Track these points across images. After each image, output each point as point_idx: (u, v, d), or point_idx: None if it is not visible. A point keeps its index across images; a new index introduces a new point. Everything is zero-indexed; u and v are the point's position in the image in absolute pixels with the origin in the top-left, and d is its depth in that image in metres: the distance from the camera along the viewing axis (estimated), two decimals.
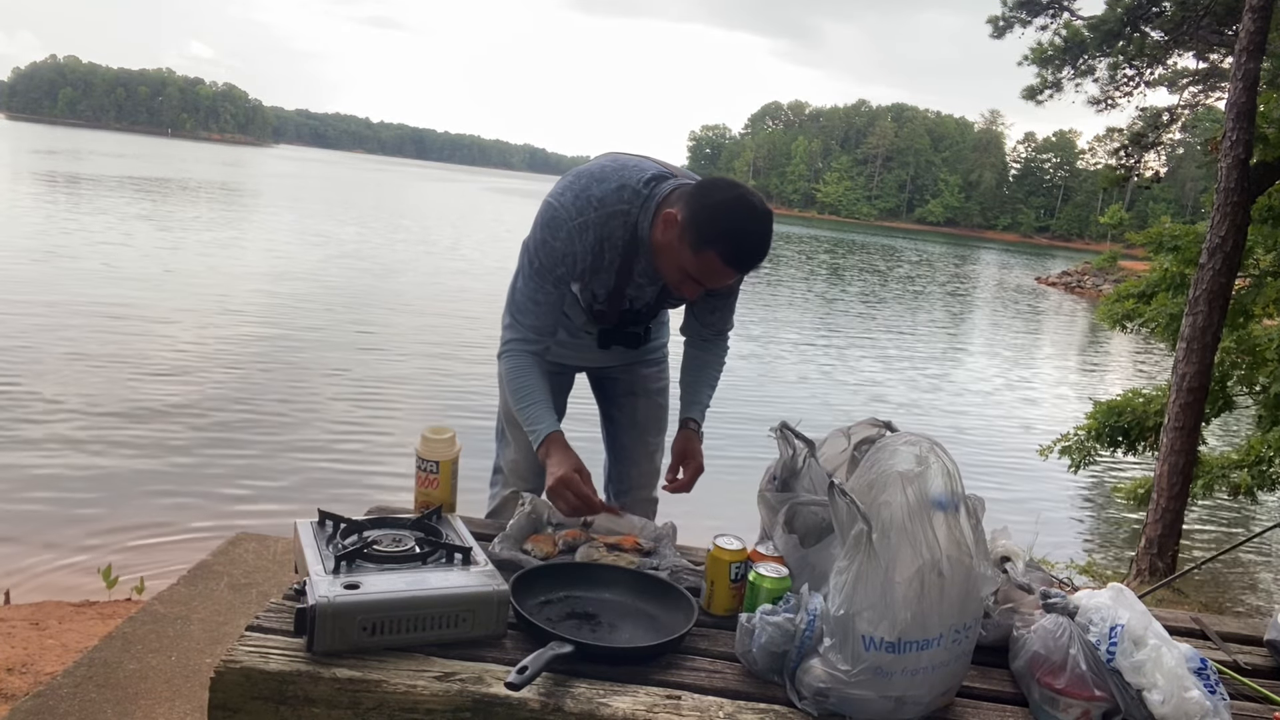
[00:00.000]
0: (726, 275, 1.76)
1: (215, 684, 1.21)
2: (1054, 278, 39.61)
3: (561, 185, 1.87)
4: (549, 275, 1.86)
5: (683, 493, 2.09)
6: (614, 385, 2.31)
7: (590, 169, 1.88)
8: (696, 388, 2.14)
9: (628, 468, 2.33)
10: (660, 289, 1.98)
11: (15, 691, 2.57)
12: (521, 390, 1.90)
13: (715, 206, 1.71)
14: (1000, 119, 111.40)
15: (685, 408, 2.13)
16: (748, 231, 1.72)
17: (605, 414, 2.37)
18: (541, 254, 1.85)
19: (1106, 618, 1.31)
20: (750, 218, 1.72)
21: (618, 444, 2.34)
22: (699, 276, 1.77)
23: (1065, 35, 9.05)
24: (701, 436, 2.10)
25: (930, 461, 1.26)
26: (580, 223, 1.82)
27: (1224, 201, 5.19)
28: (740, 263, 1.75)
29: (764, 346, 13.29)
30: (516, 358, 1.92)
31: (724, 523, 1.75)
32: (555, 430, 1.85)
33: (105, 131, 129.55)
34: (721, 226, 1.70)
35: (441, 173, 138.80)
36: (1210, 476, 6.61)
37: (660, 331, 2.28)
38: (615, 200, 1.82)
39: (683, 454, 2.07)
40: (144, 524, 4.88)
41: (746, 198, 1.73)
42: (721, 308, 2.11)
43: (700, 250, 1.71)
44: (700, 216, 1.71)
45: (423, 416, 7.42)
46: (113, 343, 8.64)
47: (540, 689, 1.22)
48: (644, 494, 2.33)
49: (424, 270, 17.94)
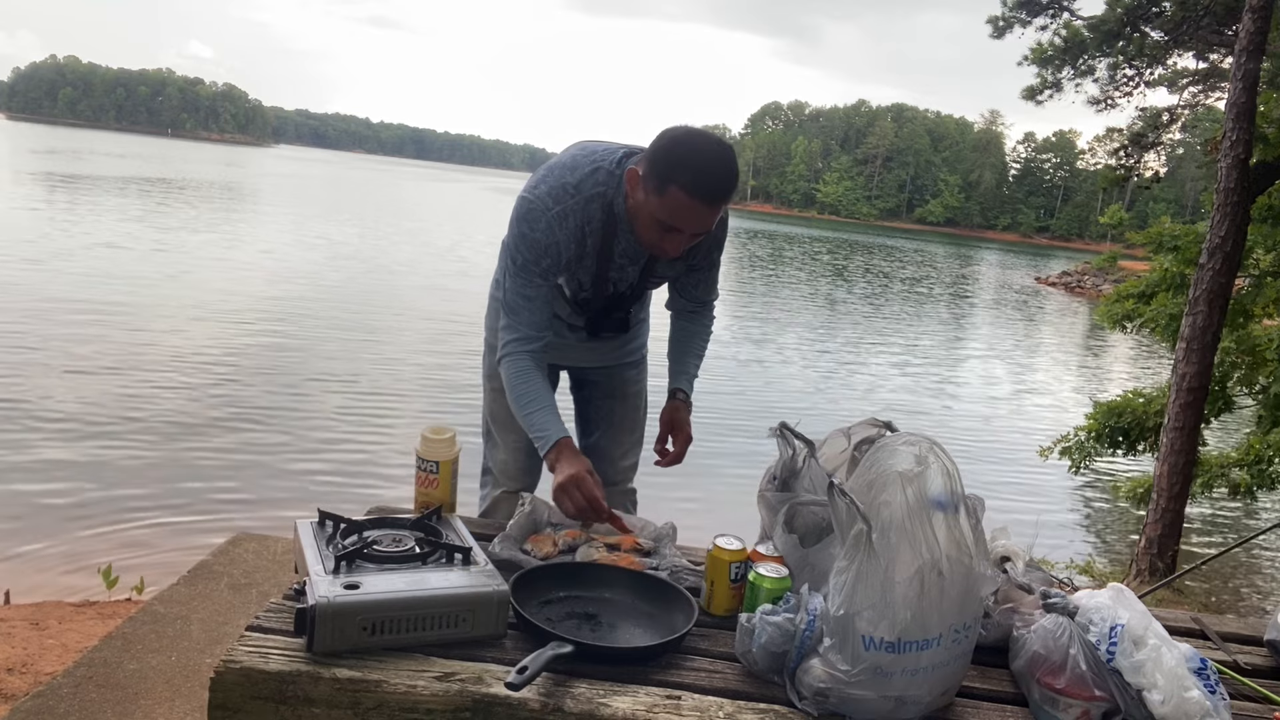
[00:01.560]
0: (696, 211, 1.70)
1: (215, 684, 1.21)
2: (1054, 278, 39.61)
3: (534, 179, 1.88)
4: (534, 269, 1.86)
5: (675, 465, 2.09)
6: (594, 388, 2.32)
7: (561, 160, 1.89)
8: (683, 358, 2.14)
9: (603, 466, 2.32)
10: (642, 269, 1.97)
11: (15, 691, 2.57)
12: (526, 396, 1.88)
13: (669, 142, 1.70)
14: (1000, 119, 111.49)
15: (673, 378, 2.13)
16: (705, 158, 1.68)
17: (581, 414, 2.37)
18: (522, 249, 1.85)
19: (1106, 618, 1.31)
20: (705, 146, 1.69)
21: (594, 444, 2.34)
22: (671, 220, 1.72)
23: (1065, 35, 9.05)
24: (690, 406, 2.10)
25: (930, 461, 1.26)
26: (558, 212, 1.82)
27: (1224, 201, 5.19)
28: (705, 191, 1.68)
29: (764, 347, 13.29)
30: (518, 360, 1.90)
31: (724, 523, 1.75)
32: (564, 436, 1.84)
33: (105, 131, 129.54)
34: (677, 159, 1.68)
35: (441, 173, 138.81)
36: (1210, 476, 6.62)
37: (640, 330, 2.29)
38: (591, 185, 1.82)
39: (670, 424, 2.07)
40: (144, 524, 4.89)
41: (700, 132, 1.72)
42: (704, 280, 2.12)
43: (664, 190, 1.68)
44: (657, 157, 1.70)
45: (423, 417, 7.42)
46: (112, 343, 8.64)
47: (540, 689, 1.22)
48: (618, 489, 2.34)
49: (424, 270, 17.94)
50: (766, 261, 31.51)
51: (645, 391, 2.35)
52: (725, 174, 1.70)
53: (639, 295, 2.08)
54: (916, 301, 24.91)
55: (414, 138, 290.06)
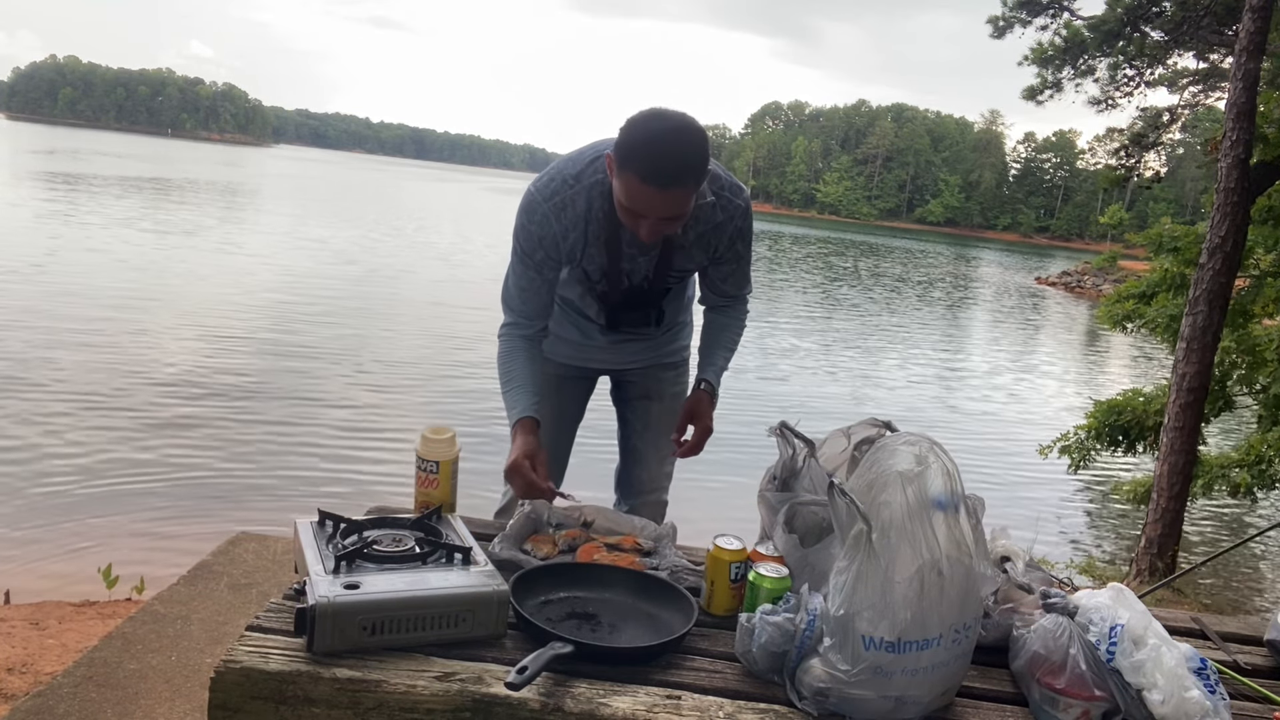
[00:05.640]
0: (651, 196, 1.64)
1: (215, 684, 1.21)
2: (1054, 278, 39.60)
3: (542, 172, 1.91)
4: (530, 260, 1.88)
5: (691, 456, 2.08)
6: (631, 388, 2.30)
7: (568, 154, 1.91)
8: (712, 350, 2.13)
9: (639, 470, 2.32)
10: (656, 260, 1.95)
11: (15, 691, 2.57)
12: (506, 374, 1.94)
13: (628, 126, 1.66)
14: (1000, 119, 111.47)
15: (700, 369, 2.13)
16: (658, 142, 1.62)
17: (621, 416, 2.36)
18: (521, 239, 1.89)
19: (1106, 618, 1.31)
20: (661, 129, 1.63)
21: (630, 446, 2.33)
22: (631, 205, 1.67)
23: (1065, 35, 9.06)
24: (714, 399, 2.08)
25: (930, 461, 1.26)
26: (556, 203, 1.83)
27: (1224, 201, 5.19)
28: (656, 176, 1.61)
29: (764, 346, 13.28)
30: (507, 342, 1.96)
31: (724, 523, 1.75)
32: (526, 416, 1.87)
33: (105, 131, 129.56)
34: (631, 144, 1.64)
35: (441, 173, 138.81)
36: (1210, 476, 6.62)
37: (681, 332, 2.26)
38: (591, 173, 1.82)
39: (690, 414, 2.06)
40: (144, 524, 4.89)
41: (661, 114, 1.66)
42: (732, 274, 2.06)
43: (623, 176, 1.65)
44: (618, 142, 1.67)
45: (423, 417, 7.42)
46: (112, 344, 8.65)
47: (540, 689, 1.22)
48: (654, 497, 2.32)
49: (423, 271, 17.94)
50: (766, 261, 31.51)
51: (686, 395, 2.28)
52: (678, 157, 1.63)
53: (658, 289, 2.04)
54: (916, 301, 24.91)
55: (414, 138, 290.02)
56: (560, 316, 2.11)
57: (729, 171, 1.92)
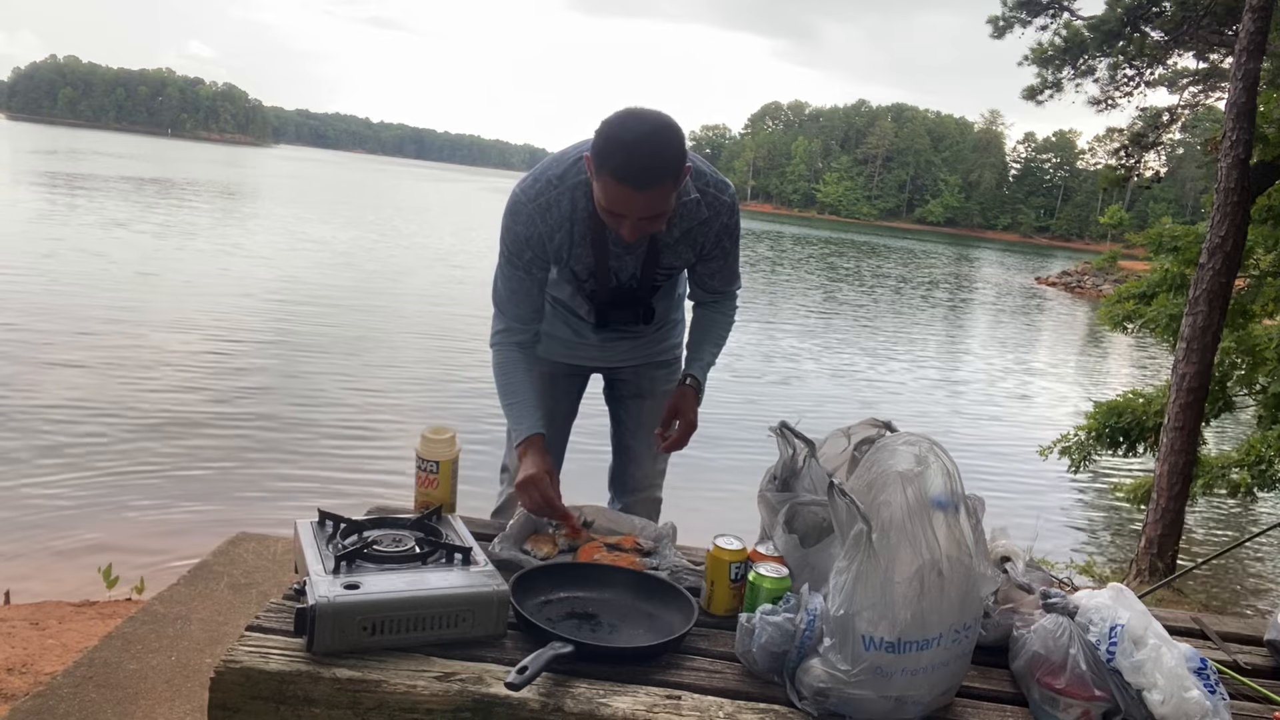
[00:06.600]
0: (626, 196, 1.64)
1: (215, 684, 1.21)
2: (1054, 278, 39.58)
3: (527, 174, 1.91)
4: (517, 261, 1.88)
5: (675, 450, 2.08)
6: (624, 386, 2.31)
7: (552, 155, 1.91)
8: (699, 345, 2.14)
9: (632, 468, 2.33)
10: (645, 259, 1.96)
11: (15, 691, 2.57)
12: (507, 388, 1.93)
13: (603, 127, 1.66)
14: (1000, 119, 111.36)
15: (686, 364, 2.13)
16: (632, 143, 1.62)
17: (614, 415, 2.37)
18: (506, 240, 1.88)
19: (1106, 618, 1.31)
20: (635, 128, 1.63)
21: (623, 444, 2.34)
22: (609, 205, 1.68)
23: (1065, 35, 9.06)
24: (699, 394, 2.08)
25: (930, 461, 1.26)
26: (541, 203, 1.83)
27: (1224, 201, 5.18)
28: (630, 176, 1.62)
29: (764, 346, 13.28)
30: (504, 352, 1.95)
31: (724, 523, 1.75)
32: (536, 433, 1.86)
33: (105, 131, 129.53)
34: (606, 144, 1.64)
35: (441, 173, 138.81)
36: (1210, 476, 6.62)
37: (672, 330, 2.27)
38: (575, 173, 1.82)
39: (674, 410, 2.06)
40: (144, 524, 4.88)
41: (636, 113, 1.66)
42: (719, 270, 2.07)
43: (601, 177, 1.66)
44: (594, 145, 1.67)
45: (423, 417, 7.41)
46: (112, 345, 8.64)
47: (540, 689, 1.22)
48: (647, 494, 2.33)
49: (423, 271, 17.93)
50: (766, 261, 31.51)
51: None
52: (651, 156, 1.62)
53: (646, 287, 2.04)
54: (916, 301, 24.91)
55: (414, 138, 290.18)
56: (552, 315, 2.11)
57: (714, 169, 1.92)
